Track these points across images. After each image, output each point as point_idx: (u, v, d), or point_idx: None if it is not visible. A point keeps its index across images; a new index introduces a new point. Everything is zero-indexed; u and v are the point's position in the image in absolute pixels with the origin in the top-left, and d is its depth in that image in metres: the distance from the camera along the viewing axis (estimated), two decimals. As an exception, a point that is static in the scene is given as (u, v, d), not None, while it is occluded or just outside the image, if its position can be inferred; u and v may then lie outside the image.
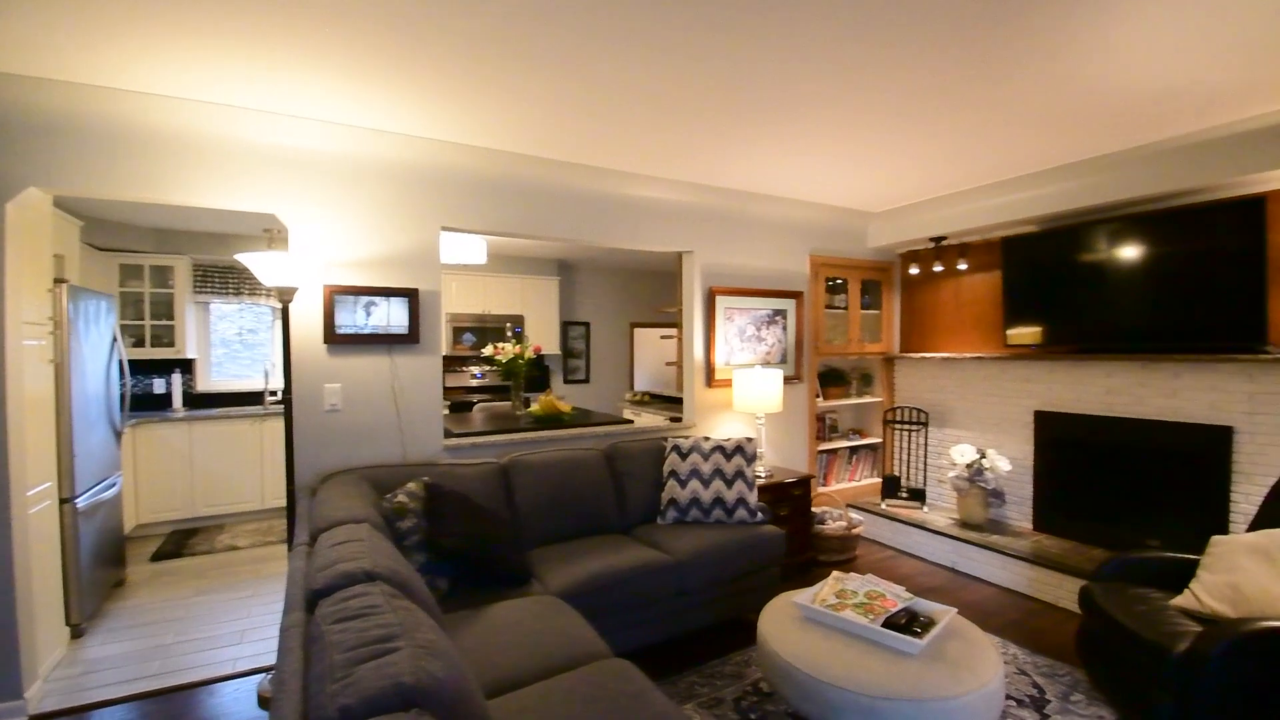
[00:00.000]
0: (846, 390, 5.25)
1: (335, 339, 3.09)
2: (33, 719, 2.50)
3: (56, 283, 3.04)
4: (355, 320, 3.14)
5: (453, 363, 6.77)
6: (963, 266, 4.63)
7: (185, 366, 5.58)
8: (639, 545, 3.13)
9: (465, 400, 6.71)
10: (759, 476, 3.94)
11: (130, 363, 4.27)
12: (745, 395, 4.05)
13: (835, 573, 2.60)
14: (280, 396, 4.44)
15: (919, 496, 4.77)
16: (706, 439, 3.60)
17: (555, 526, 3.23)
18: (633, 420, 4.49)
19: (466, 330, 6.73)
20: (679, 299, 4.42)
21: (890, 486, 4.87)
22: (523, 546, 3.09)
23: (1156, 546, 3.30)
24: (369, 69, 2.43)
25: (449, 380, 6.74)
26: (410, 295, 3.26)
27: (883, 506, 4.76)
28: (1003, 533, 4.15)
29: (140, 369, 5.35)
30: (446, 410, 5.79)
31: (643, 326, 8.18)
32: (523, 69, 2.43)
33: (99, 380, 3.53)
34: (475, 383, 6.98)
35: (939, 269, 4.78)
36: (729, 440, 3.58)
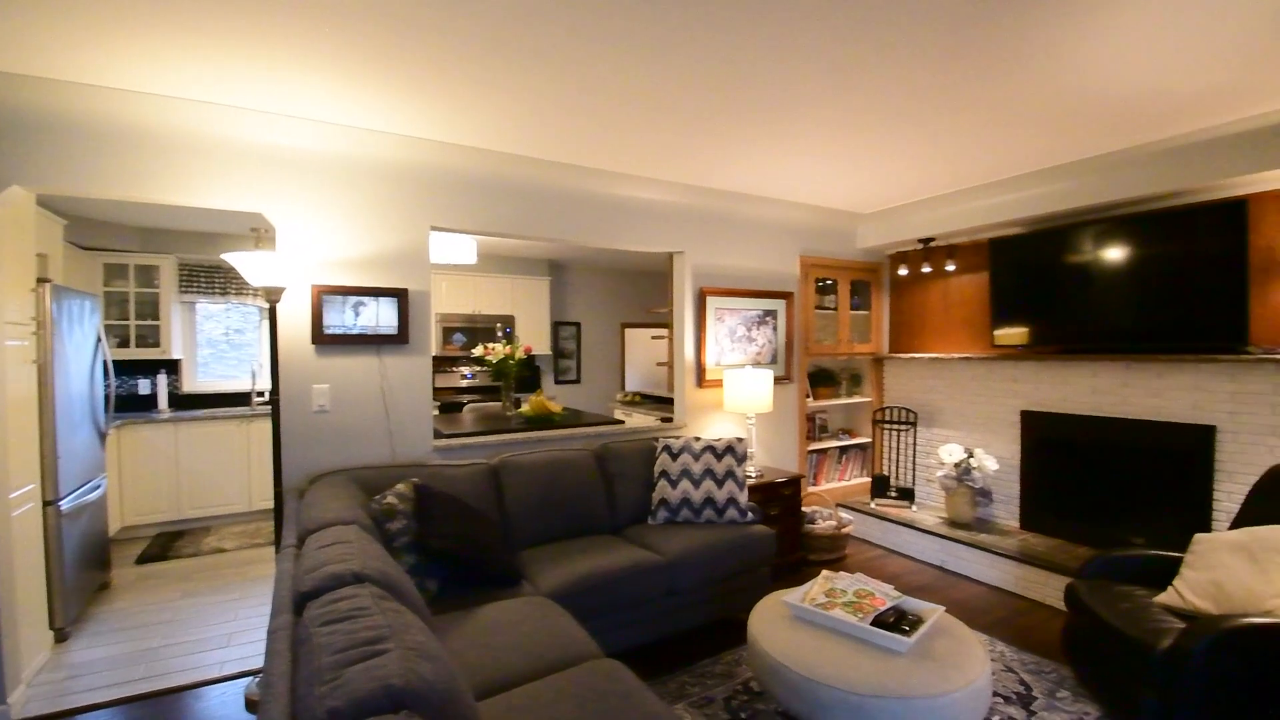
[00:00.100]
0: (836, 390, 5.28)
1: (323, 339, 3.07)
2: (15, 724, 2.48)
3: (39, 282, 3.00)
4: (344, 320, 3.12)
5: (443, 363, 6.74)
6: (951, 267, 4.67)
7: (171, 367, 5.52)
8: (630, 545, 3.13)
9: (455, 401, 6.67)
10: (749, 476, 3.95)
11: (115, 363, 4.22)
12: (736, 395, 4.06)
13: (825, 572, 2.61)
14: (267, 397, 4.41)
15: (908, 496, 4.81)
16: (697, 439, 3.60)
17: (546, 527, 3.23)
18: (624, 420, 4.49)
19: (457, 330, 6.71)
20: (670, 299, 4.43)
21: (879, 486, 4.90)
22: (513, 547, 3.09)
23: (1141, 544, 3.34)
24: (359, 67, 2.42)
25: (439, 381, 6.71)
26: (400, 295, 3.24)
27: (872, 506, 4.79)
28: (990, 531, 4.19)
29: (125, 370, 5.28)
30: (436, 411, 5.77)
31: (634, 327, 8.19)
32: (514, 69, 2.43)
33: (83, 381, 3.49)
34: (465, 383, 6.95)
35: (927, 270, 4.82)
36: (719, 440, 3.59)
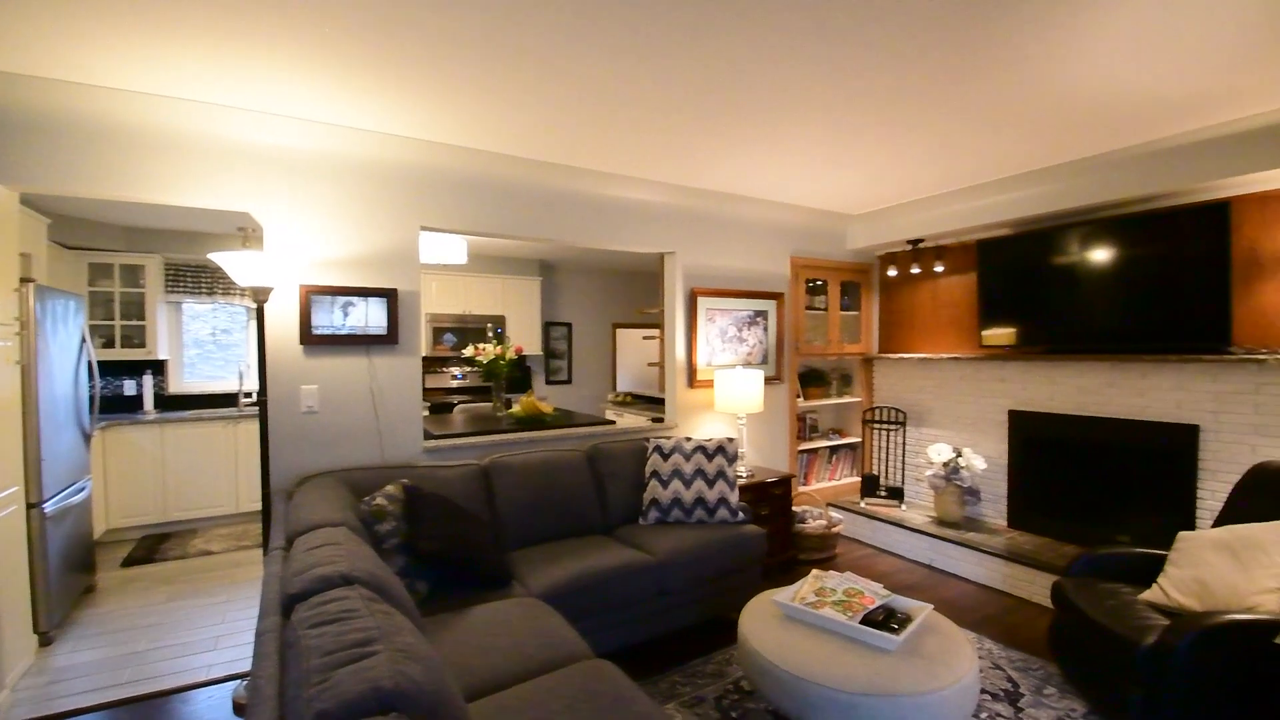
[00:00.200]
0: (826, 390, 5.30)
1: (312, 340, 3.05)
2: (-3, 730, 2.45)
3: (23, 282, 2.96)
4: (332, 321, 3.10)
5: (433, 364, 6.71)
6: (939, 269, 4.71)
7: (157, 368, 5.46)
8: (621, 546, 3.13)
9: (446, 402, 6.65)
10: (740, 476, 3.97)
11: (100, 364, 4.18)
12: (727, 396, 4.07)
13: (815, 571, 2.62)
14: (255, 398, 4.37)
15: (897, 495, 4.84)
16: (688, 439, 3.61)
17: (537, 528, 3.22)
18: (615, 421, 4.49)
19: (447, 331, 6.68)
20: (661, 300, 4.43)
21: (869, 485, 4.93)
22: (504, 548, 3.08)
23: (1126, 542, 3.38)
24: (348, 66, 2.40)
25: (429, 381, 6.68)
26: (389, 295, 3.23)
27: (862, 505, 4.82)
28: (978, 530, 4.22)
29: (110, 371, 5.22)
30: (426, 412, 5.75)
31: (625, 327, 8.18)
32: (504, 69, 2.42)
33: (67, 382, 3.45)
34: (456, 384, 6.92)
35: (916, 271, 4.85)
36: (710, 440, 3.60)
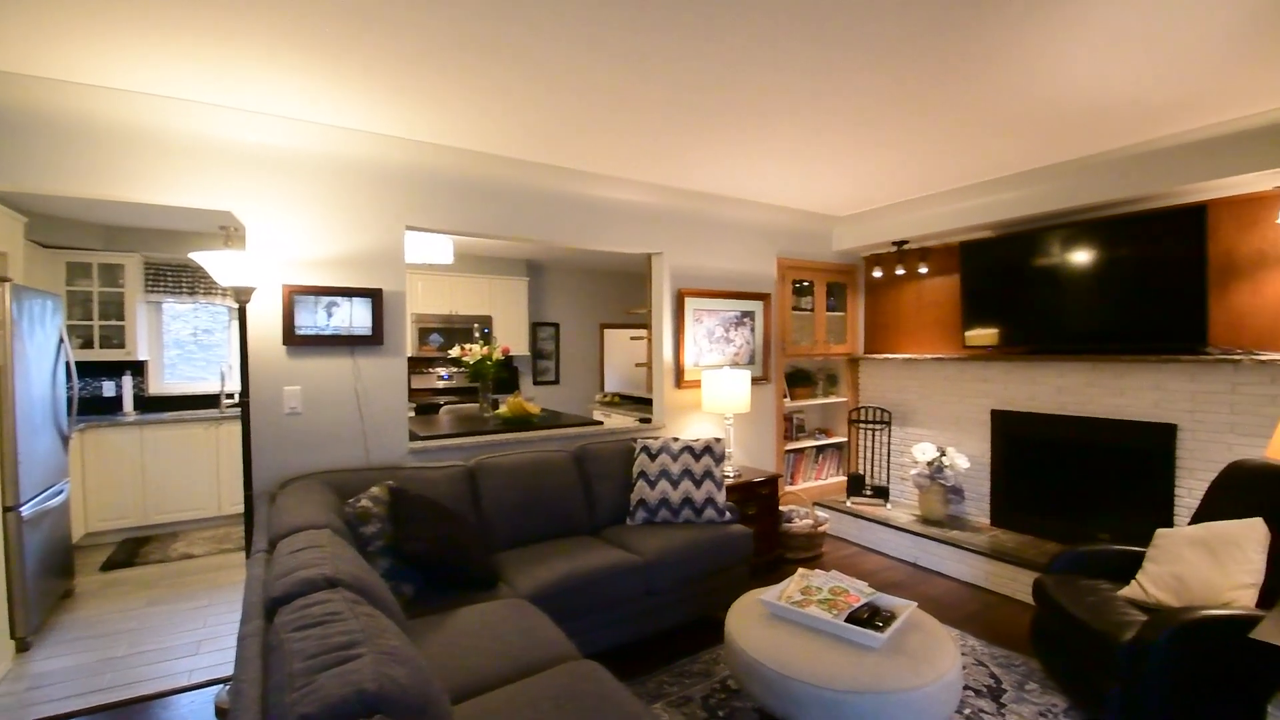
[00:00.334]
0: (813, 390, 5.34)
1: (295, 340, 3.02)
2: (-28, 738, 2.40)
3: (-2, 281, 2.92)
4: (316, 321, 3.07)
5: (419, 364, 6.66)
6: (924, 270, 4.75)
7: (136, 369, 5.38)
8: (608, 546, 3.13)
9: (432, 402, 6.61)
10: (727, 476, 3.98)
11: (78, 365, 4.10)
12: (714, 396, 4.09)
13: (801, 570, 2.64)
14: (237, 399, 4.32)
15: (882, 494, 4.88)
16: (675, 440, 3.62)
17: (523, 529, 3.21)
18: (602, 421, 4.49)
19: (433, 331, 6.64)
20: (648, 300, 4.44)
21: (855, 484, 4.97)
22: (490, 550, 3.07)
23: (1106, 540, 3.42)
24: (333, 64, 2.39)
25: (415, 382, 6.63)
26: (374, 295, 3.20)
27: (848, 504, 4.85)
28: (962, 528, 4.27)
29: (89, 371, 5.13)
30: (412, 413, 5.71)
31: (613, 327, 8.18)
32: (490, 68, 2.42)
33: (44, 383, 3.39)
34: (442, 384, 6.88)
35: (901, 272, 4.90)
36: (698, 441, 3.61)
